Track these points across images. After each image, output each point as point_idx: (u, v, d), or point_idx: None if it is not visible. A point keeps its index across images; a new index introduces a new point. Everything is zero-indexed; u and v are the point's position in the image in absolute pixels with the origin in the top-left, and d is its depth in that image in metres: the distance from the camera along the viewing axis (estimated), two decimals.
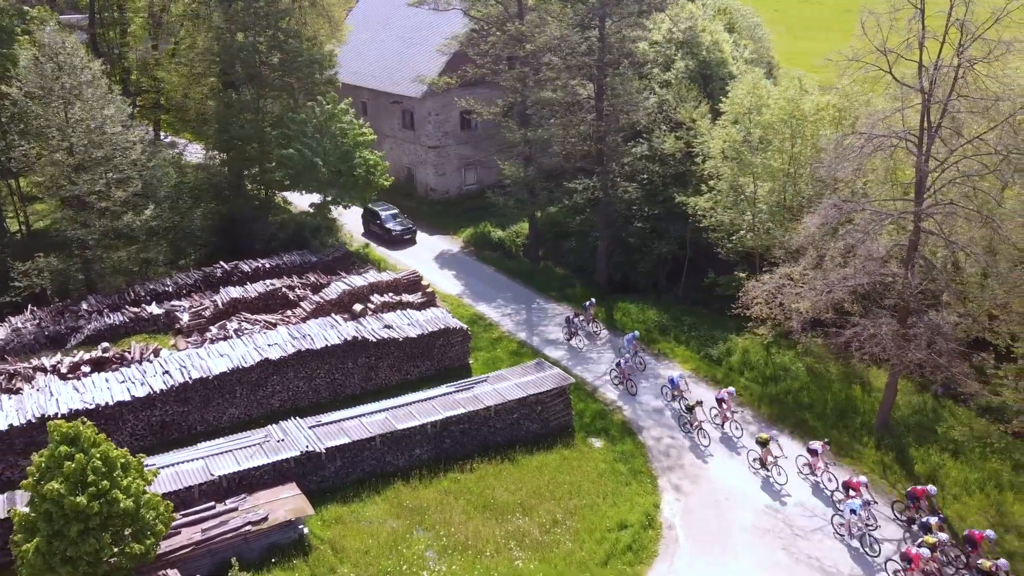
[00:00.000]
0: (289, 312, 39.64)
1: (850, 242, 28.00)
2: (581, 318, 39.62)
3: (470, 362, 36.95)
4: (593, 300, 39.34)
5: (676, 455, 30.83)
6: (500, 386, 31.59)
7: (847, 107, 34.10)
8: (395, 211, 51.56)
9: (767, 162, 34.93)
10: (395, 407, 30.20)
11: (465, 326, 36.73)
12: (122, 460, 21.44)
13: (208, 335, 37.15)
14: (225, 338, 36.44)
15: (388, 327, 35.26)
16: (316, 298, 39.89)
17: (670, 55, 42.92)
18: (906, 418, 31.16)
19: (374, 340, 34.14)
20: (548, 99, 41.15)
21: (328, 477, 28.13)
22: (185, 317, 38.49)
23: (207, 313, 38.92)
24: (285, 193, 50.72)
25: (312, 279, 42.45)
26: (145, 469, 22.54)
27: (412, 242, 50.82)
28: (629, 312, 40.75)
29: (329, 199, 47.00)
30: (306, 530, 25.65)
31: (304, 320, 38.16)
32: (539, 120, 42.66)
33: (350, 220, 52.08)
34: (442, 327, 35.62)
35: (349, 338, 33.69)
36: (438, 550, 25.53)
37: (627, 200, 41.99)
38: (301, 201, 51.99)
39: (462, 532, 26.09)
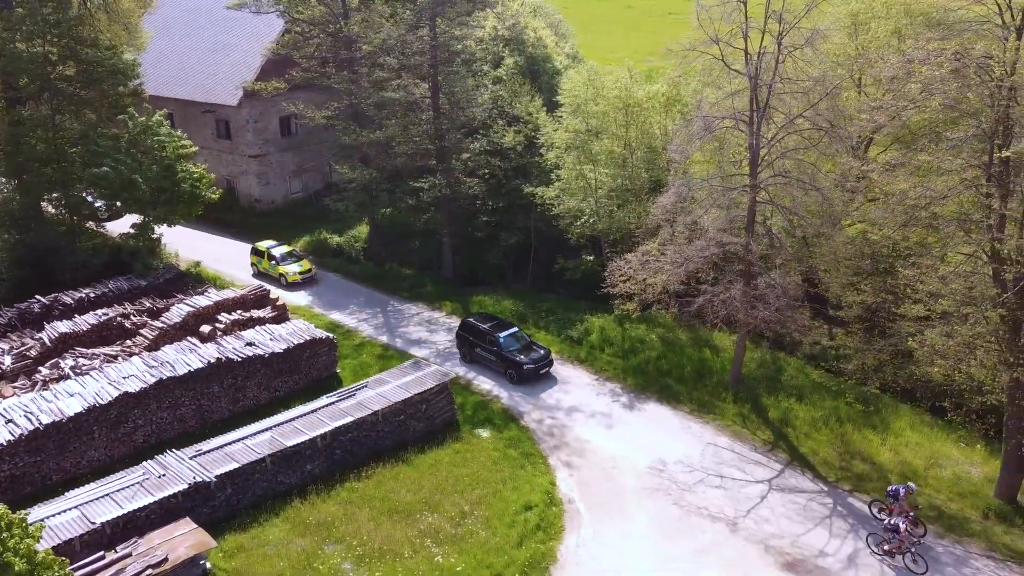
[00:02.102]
0: (129, 342, 36.67)
1: (697, 216, 30.61)
2: (889, 517, 25.35)
3: (338, 371, 36.21)
4: (912, 486, 25.24)
5: (559, 434, 32.14)
6: (382, 390, 31.31)
7: (675, 94, 37.03)
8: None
9: (607, 148, 37.10)
10: (280, 424, 29.06)
11: (331, 335, 35.94)
12: (4, 520, 19.14)
13: (39, 377, 33.55)
14: (61, 378, 33.13)
15: (251, 344, 33.71)
16: (157, 324, 37.20)
17: (498, 52, 44.22)
18: (753, 372, 34.53)
19: (239, 359, 32.54)
20: (387, 100, 41.00)
21: (219, 506, 26.60)
22: (7, 360, 34.47)
23: (33, 353, 35.12)
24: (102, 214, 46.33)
25: (147, 304, 39.50)
26: (28, 525, 20.22)
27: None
28: (485, 305, 41.63)
29: (150, 219, 43.80)
30: (209, 565, 24.20)
31: (149, 348, 35.54)
32: (379, 121, 42.38)
33: (173, 239, 48.69)
34: (308, 338, 34.61)
35: (212, 360, 31.88)
36: (354, 561, 25.05)
37: (471, 195, 42.81)
38: (116, 225, 47.90)
39: (374, 539, 25.75)
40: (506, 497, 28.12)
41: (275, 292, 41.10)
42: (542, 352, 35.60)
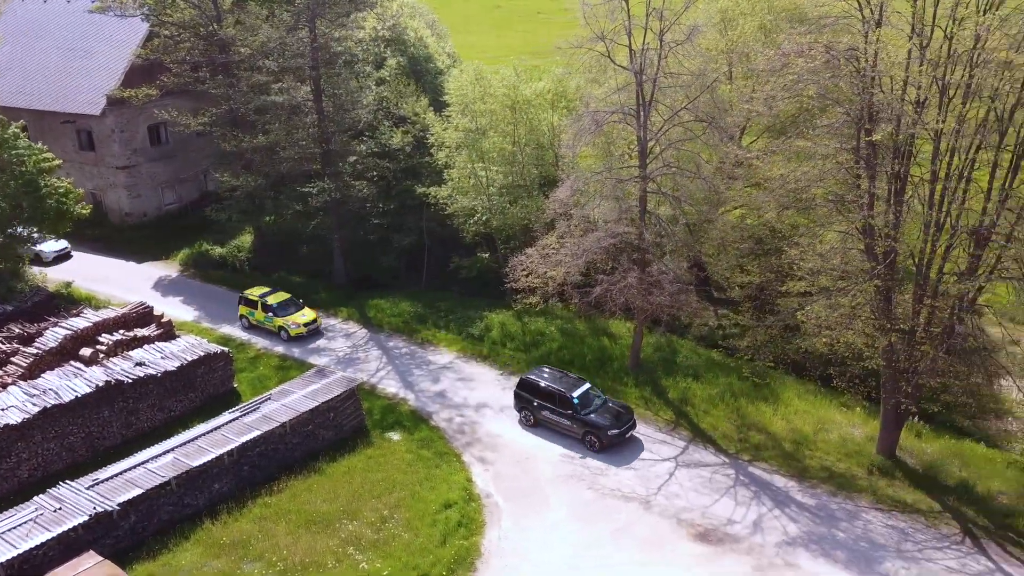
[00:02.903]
0: (0, 371, 34.07)
1: (592, 208, 31.57)
2: None
3: (235, 386, 35.00)
4: None
5: (471, 431, 32.35)
6: (288, 400, 30.54)
7: (561, 91, 37.94)
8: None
9: (498, 146, 37.60)
10: (182, 444, 27.84)
11: (226, 349, 34.68)
12: None
13: None
14: None
15: (141, 364, 32.07)
16: (31, 350, 34.72)
17: (380, 53, 43.86)
18: (651, 356, 35.90)
19: (130, 381, 30.91)
20: (268, 104, 39.89)
21: (124, 536, 25.25)
22: None
23: None
24: None
25: (16, 330, 36.78)
26: None
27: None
28: (382, 308, 41.26)
29: (11, 238, 40.76)
30: None
31: (24, 377, 33.15)
32: (261, 126, 41.16)
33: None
34: (202, 354, 33.27)
35: (101, 384, 30.15)
36: None
37: (361, 198, 42.30)
38: None
39: (295, 552, 25.15)
40: (424, 497, 28.09)
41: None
42: (623, 410, 30.95)
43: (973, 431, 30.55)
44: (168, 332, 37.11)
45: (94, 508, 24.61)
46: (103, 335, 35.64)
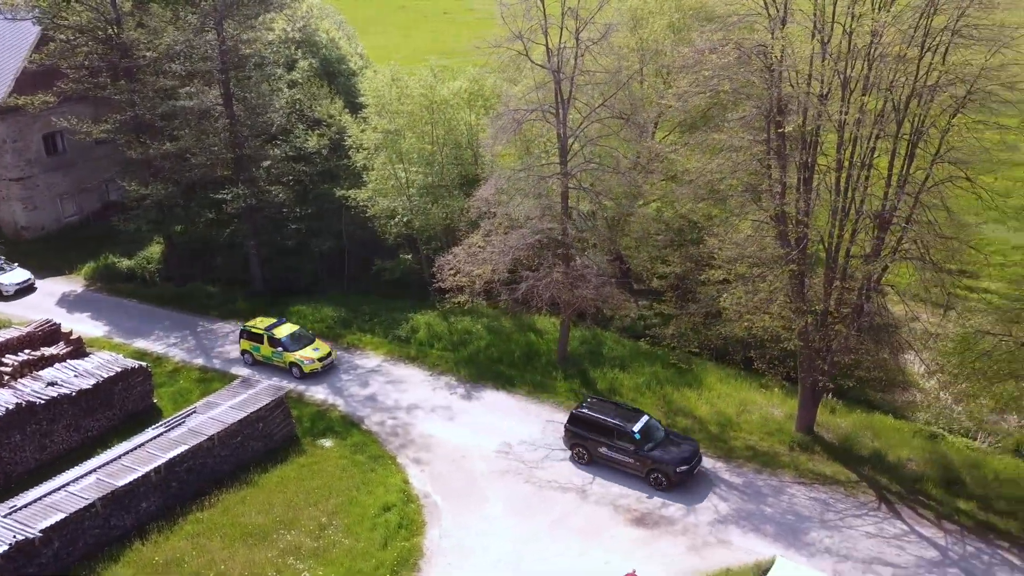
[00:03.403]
0: None
1: (515, 206, 31.93)
2: None
3: (155, 401, 33.82)
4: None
5: (404, 433, 32.23)
6: (214, 413, 29.76)
7: (478, 90, 38.17)
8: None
9: (417, 146, 37.53)
10: (105, 464, 26.75)
11: (144, 363, 33.47)
12: None
13: None
14: None
15: (53, 384, 30.61)
16: None
17: (291, 55, 43.05)
18: (577, 350, 36.55)
19: (42, 402, 29.48)
20: (177, 109, 38.63)
21: (47, 563, 24.10)
22: None
23: None
24: None
25: None
26: None
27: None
28: (304, 315, 40.53)
29: None
30: None
31: None
32: (170, 132, 39.80)
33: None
34: (119, 370, 32.04)
35: (11, 407, 28.66)
36: None
37: (277, 203, 41.45)
38: None
39: (232, 567, 24.59)
40: (362, 502, 27.87)
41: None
42: (687, 443, 28.77)
43: (882, 404, 32.37)
44: (78, 349, 35.48)
45: (14, 536, 23.40)
46: (7, 356, 33.83)
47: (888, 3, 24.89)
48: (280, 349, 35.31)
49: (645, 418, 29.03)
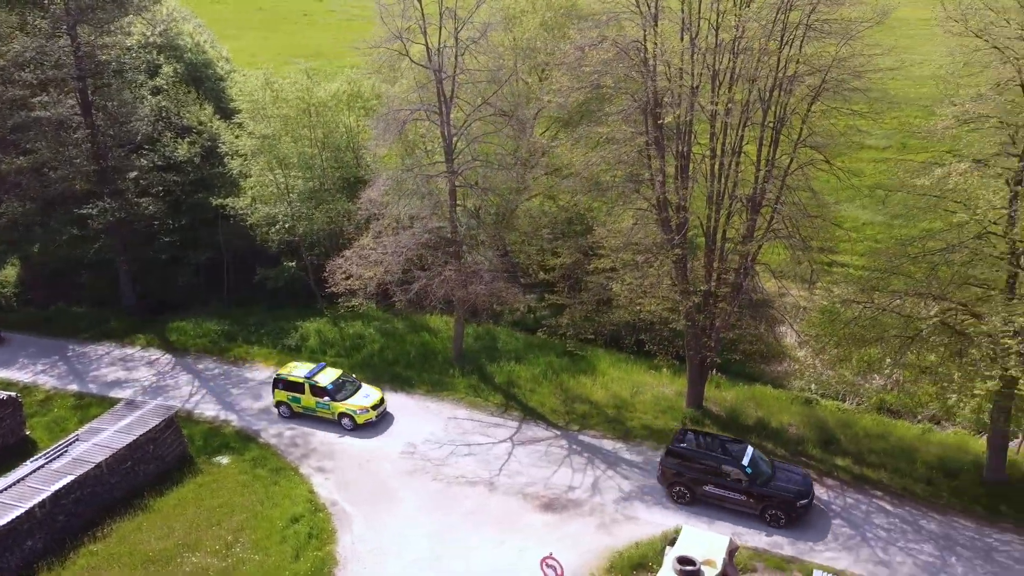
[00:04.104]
0: None
1: (404, 206, 31.95)
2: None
3: (28, 433, 31.63)
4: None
5: (304, 442, 31.61)
6: (100, 439, 28.20)
7: (356, 91, 37.81)
8: None
9: (296, 150, 36.78)
10: None
11: (13, 394, 31.21)
12: None
13: None
14: None
15: None
16: None
17: (153, 60, 41.07)
18: (472, 346, 36.95)
19: None
20: (30, 120, 36.09)
21: None
22: None
23: None
24: None
25: None
26: None
27: None
28: (185, 331, 38.98)
29: None
30: None
31: None
32: (23, 145, 37.10)
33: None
34: None
35: None
36: None
37: (148, 216, 39.54)
38: None
39: None
40: (268, 516, 27.18)
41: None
42: (797, 474, 26.76)
43: (762, 376, 34.58)
44: None
45: None
46: None
47: (748, 0, 26.62)
48: (326, 399, 31.68)
49: (750, 449, 26.96)
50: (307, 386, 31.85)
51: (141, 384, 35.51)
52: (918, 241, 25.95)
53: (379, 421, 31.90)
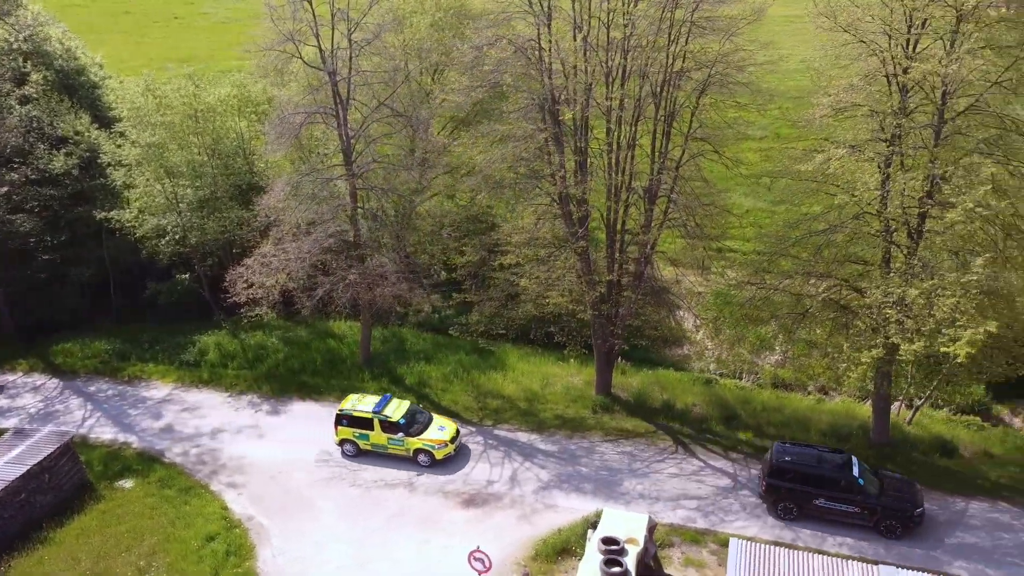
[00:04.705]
0: None
1: (304, 210, 31.44)
2: None
3: None
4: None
5: (212, 459, 30.63)
6: None
7: (246, 96, 36.80)
8: None
9: (185, 158, 35.50)
10: None
11: None
12: None
13: None
14: None
15: None
16: None
17: (18, 67, 38.54)
18: (380, 349, 36.71)
19: None
20: None
21: None
22: None
23: None
24: None
25: None
26: None
27: None
28: (72, 352, 37.01)
29: None
30: None
31: None
32: None
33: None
34: None
35: None
36: None
37: (22, 233, 37.16)
38: None
39: None
40: (182, 537, 26.25)
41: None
42: (902, 481, 26.48)
43: (664, 360, 35.95)
44: None
45: None
46: None
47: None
48: (400, 435, 29.44)
49: (854, 459, 26.42)
50: (376, 421, 29.50)
51: (27, 412, 33.48)
52: (803, 223, 27.70)
53: (456, 455, 29.90)
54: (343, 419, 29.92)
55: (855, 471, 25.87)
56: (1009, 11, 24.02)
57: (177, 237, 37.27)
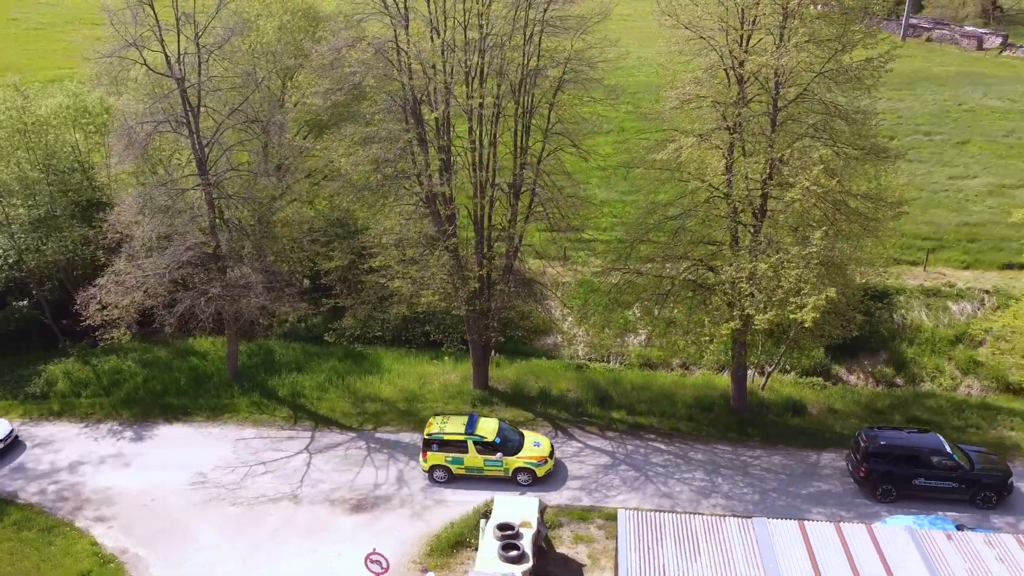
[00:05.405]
0: None
1: (156, 223, 30.00)
2: None
3: None
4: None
5: (75, 494, 28.74)
6: None
7: (83, 106, 34.50)
8: None
9: (18, 176, 32.90)
10: None
11: None
12: None
13: None
14: None
15: None
16: None
17: None
18: (248, 363, 35.48)
19: None
20: None
21: None
22: None
23: None
24: None
25: None
26: None
27: None
28: None
29: None
30: None
31: None
32: None
33: None
34: None
35: None
36: None
37: None
38: None
39: None
40: None
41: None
42: (983, 452, 27.77)
43: (536, 350, 36.92)
44: None
45: None
46: None
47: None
48: (498, 455, 28.11)
49: (941, 437, 27.59)
50: (470, 443, 28.22)
51: None
52: (658, 209, 29.43)
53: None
54: (432, 444, 28.40)
55: (948, 448, 27.00)
56: (826, 8, 26.59)
57: (11, 262, 34.48)
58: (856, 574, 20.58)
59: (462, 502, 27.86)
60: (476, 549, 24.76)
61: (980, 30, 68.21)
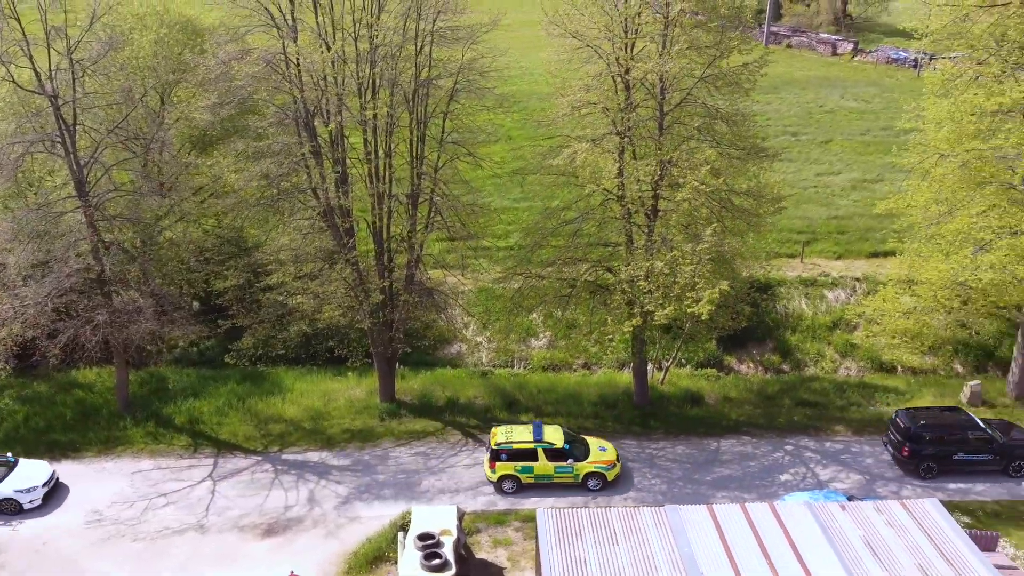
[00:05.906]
0: None
1: (24, 249, 28.33)
2: None
3: None
4: None
5: None
6: None
7: None
8: None
9: None
10: None
11: None
12: None
13: None
14: None
15: None
16: None
17: None
18: (140, 391, 33.86)
19: None
20: None
21: None
22: None
23: None
24: None
25: None
26: None
27: None
28: None
29: None
30: None
31: None
32: None
33: None
34: None
35: None
36: None
37: None
38: None
39: None
40: None
41: None
42: (1006, 423, 29.76)
43: (440, 360, 36.92)
44: None
45: None
46: None
47: (379, 10, 28.27)
48: (569, 461, 27.93)
49: (970, 413, 29.66)
50: (540, 451, 27.87)
51: None
52: (556, 214, 30.14)
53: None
54: (501, 454, 28.04)
55: (980, 423, 28.83)
56: (702, 17, 28.04)
57: None
58: (764, 548, 21.71)
59: (377, 516, 27.62)
60: (395, 563, 24.60)
61: (834, 36, 73.08)
